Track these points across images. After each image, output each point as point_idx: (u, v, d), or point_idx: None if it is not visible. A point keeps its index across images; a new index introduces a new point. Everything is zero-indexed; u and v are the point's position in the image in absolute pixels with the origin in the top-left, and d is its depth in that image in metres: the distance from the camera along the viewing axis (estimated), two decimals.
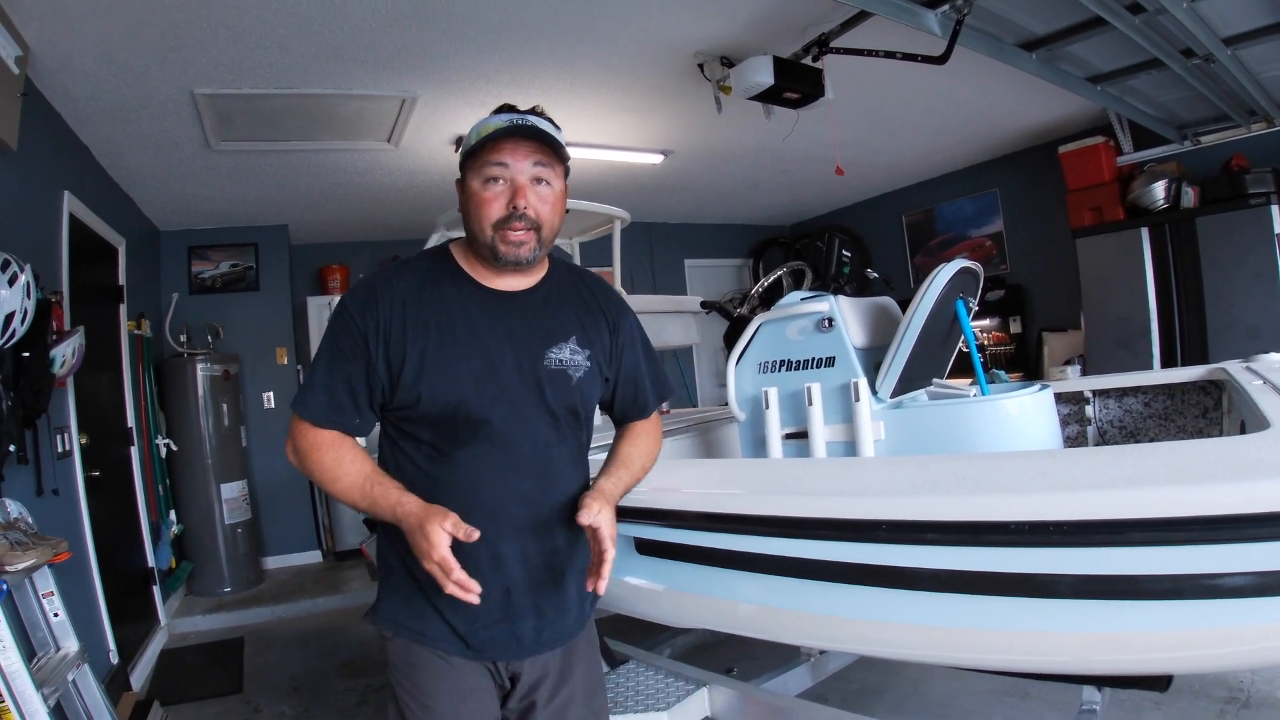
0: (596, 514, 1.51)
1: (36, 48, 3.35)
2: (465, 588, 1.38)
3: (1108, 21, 3.50)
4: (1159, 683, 1.72)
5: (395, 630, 1.62)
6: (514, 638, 1.60)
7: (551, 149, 1.53)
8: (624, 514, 2.03)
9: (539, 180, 1.53)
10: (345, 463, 1.53)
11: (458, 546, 1.41)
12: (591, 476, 1.73)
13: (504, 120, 1.51)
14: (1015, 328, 7.18)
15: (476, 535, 1.39)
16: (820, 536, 1.70)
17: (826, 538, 1.69)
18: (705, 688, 2.38)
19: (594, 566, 1.52)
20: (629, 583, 2.22)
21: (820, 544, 1.70)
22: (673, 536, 2.03)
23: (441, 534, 1.38)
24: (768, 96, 4.08)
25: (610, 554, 1.51)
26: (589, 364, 1.64)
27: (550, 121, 1.56)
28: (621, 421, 1.84)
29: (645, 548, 2.13)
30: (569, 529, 1.62)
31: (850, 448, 2.81)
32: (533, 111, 1.55)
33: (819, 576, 1.74)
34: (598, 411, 1.77)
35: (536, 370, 1.58)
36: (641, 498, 2.03)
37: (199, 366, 6.24)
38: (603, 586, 1.52)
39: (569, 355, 1.62)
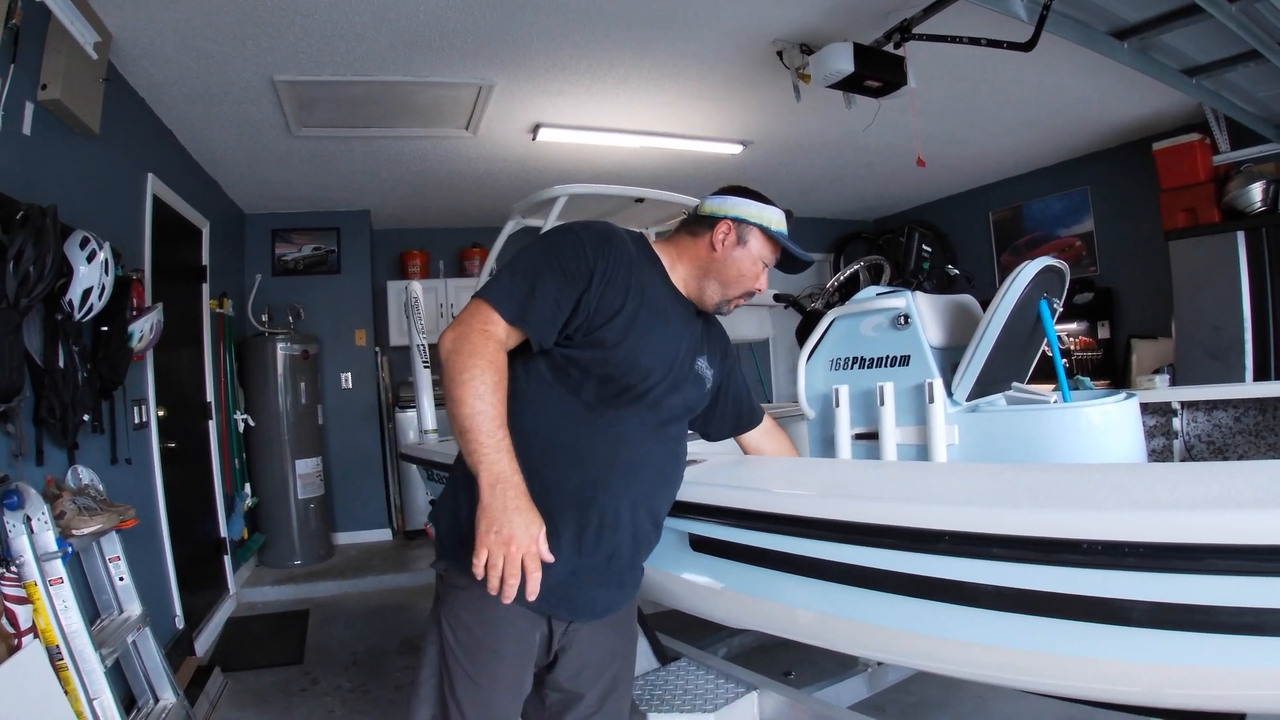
0: None
1: (118, 34, 3.45)
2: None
3: (1203, 9, 3.33)
4: None
5: (471, 580, 1.52)
6: (590, 602, 1.73)
7: None
8: (680, 509, 1.98)
9: None
10: (502, 390, 1.55)
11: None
12: None
13: (788, 235, 1.86)
14: (1103, 333, 6.85)
15: (551, 560, 1.51)
16: (880, 544, 1.61)
17: (886, 546, 1.59)
18: (756, 692, 2.32)
19: None
20: (684, 579, 2.16)
21: (880, 552, 1.62)
22: (729, 535, 1.96)
23: (543, 541, 1.49)
24: (848, 85, 3.95)
25: None
26: (711, 381, 1.95)
27: None
28: (736, 432, 2.20)
29: (700, 544, 2.07)
30: (667, 512, 1.88)
31: (922, 451, 2.70)
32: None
33: (877, 586, 1.65)
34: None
35: (690, 370, 1.85)
36: (698, 493, 1.97)
37: (279, 346, 6.41)
38: None
39: (704, 367, 1.91)
